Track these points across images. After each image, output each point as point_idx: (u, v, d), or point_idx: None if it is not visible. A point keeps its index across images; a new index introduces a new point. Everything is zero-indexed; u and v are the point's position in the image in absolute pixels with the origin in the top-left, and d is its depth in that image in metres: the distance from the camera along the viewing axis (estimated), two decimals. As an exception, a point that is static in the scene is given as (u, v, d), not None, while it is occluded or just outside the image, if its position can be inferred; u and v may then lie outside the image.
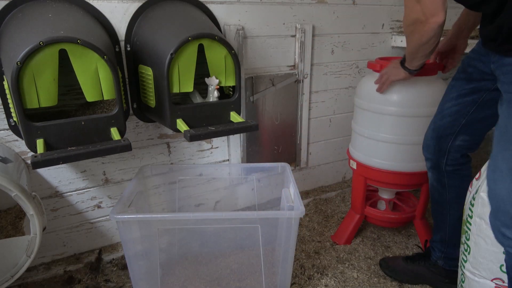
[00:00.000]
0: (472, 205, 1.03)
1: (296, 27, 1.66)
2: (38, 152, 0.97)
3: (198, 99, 1.31)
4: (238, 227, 1.38)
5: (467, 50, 1.56)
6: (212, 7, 1.43)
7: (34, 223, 1.02)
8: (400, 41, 1.90)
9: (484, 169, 1.02)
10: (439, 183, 1.25)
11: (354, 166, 1.54)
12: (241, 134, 1.65)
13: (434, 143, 1.21)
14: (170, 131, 1.50)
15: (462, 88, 1.14)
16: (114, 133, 1.08)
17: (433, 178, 1.27)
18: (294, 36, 1.67)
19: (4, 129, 1.22)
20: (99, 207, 1.47)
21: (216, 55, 1.20)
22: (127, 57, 1.32)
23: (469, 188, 1.08)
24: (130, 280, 1.25)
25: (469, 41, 1.42)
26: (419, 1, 0.94)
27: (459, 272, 1.14)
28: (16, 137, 1.25)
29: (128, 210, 1.15)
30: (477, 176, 1.05)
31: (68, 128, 1.03)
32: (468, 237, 1.05)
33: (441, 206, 1.28)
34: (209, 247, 1.49)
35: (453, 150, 1.19)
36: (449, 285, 1.32)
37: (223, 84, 1.26)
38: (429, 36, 1.00)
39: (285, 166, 1.43)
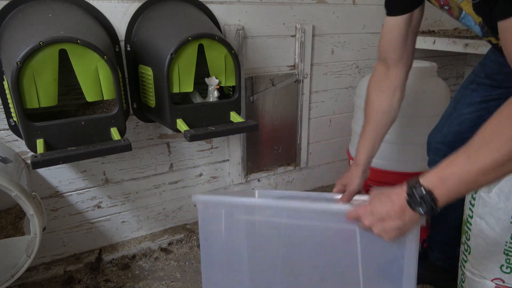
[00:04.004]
0: (472, 205, 1.03)
1: (296, 27, 1.66)
2: (38, 152, 0.97)
3: (198, 99, 1.31)
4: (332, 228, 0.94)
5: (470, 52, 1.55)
6: (212, 7, 1.43)
7: (34, 223, 1.02)
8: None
9: None
10: None
11: (354, 166, 1.54)
12: (241, 134, 1.65)
13: (446, 147, 1.17)
14: (170, 131, 1.50)
15: (487, 93, 1.09)
16: (114, 133, 1.08)
17: None
18: (294, 36, 1.67)
19: (4, 129, 1.22)
20: (99, 207, 1.47)
21: (216, 55, 1.20)
22: (127, 57, 1.32)
23: None
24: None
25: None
26: None
27: (459, 272, 1.14)
28: (16, 137, 1.24)
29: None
30: None
31: (68, 128, 1.03)
32: (468, 237, 1.05)
33: (445, 209, 1.27)
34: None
35: None
36: (448, 282, 1.32)
37: (223, 84, 1.26)
38: None
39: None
